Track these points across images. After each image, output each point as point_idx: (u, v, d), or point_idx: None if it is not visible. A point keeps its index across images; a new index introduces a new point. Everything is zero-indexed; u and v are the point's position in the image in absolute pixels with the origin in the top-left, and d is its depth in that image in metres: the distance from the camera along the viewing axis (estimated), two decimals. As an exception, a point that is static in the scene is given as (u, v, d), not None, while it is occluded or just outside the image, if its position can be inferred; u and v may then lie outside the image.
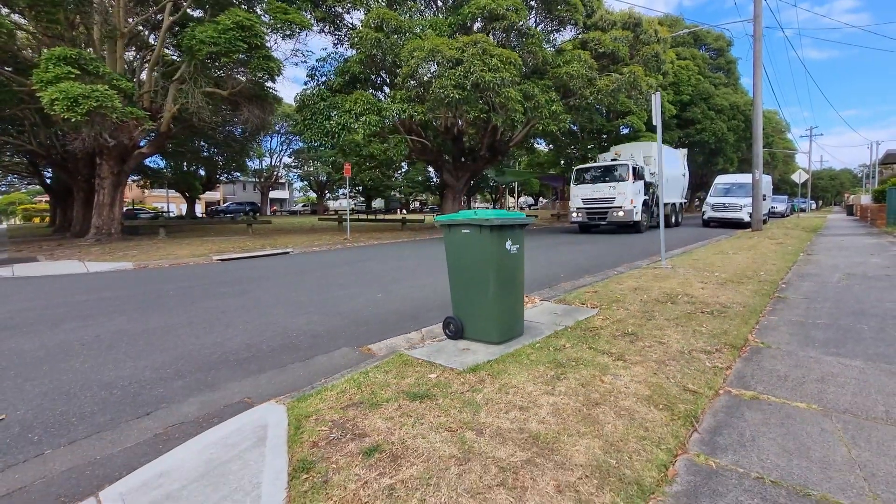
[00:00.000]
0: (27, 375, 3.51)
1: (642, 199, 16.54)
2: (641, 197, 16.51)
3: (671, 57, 25.35)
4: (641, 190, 16.60)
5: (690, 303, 4.93)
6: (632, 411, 2.46)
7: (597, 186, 16.74)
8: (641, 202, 16.36)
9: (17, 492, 2.15)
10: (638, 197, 16.28)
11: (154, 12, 16.26)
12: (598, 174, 17.08)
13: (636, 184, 16.28)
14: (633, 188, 15.99)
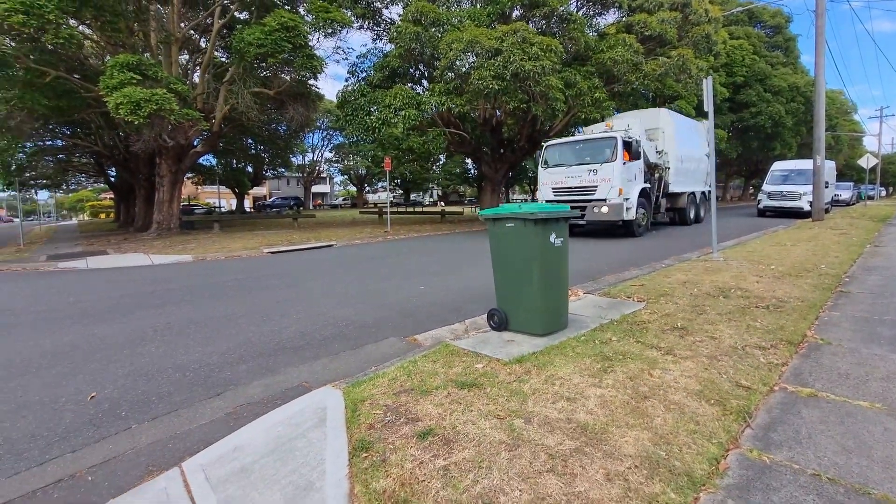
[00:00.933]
0: (111, 358, 3.89)
1: (639, 187, 11.81)
2: (638, 185, 11.80)
3: (723, 37, 23.97)
4: (639, 174, 11.99)
5: (744, 297, 4.75)
6: (682, 405, 2.45)
7: (572, 170, 11.76)
8: (638, 192, 11.67)
9: (112, 460, 2.43)
10: (632, 185, 11.53)
11: (204, 17, 17.08)
12: (576, 152, 12.13)
13: (630, 165, 11.47)
14: (623, 172, 11.13)
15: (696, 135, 16.00)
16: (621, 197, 11.06)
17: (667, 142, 13.93)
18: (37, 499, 2.13)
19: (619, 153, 11.11)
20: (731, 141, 30.31)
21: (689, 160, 15.24)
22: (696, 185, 16.37)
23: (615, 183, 11.05)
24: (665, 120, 14.19)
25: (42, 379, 3.48)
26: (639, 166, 11.92)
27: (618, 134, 11.34)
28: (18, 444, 2.58)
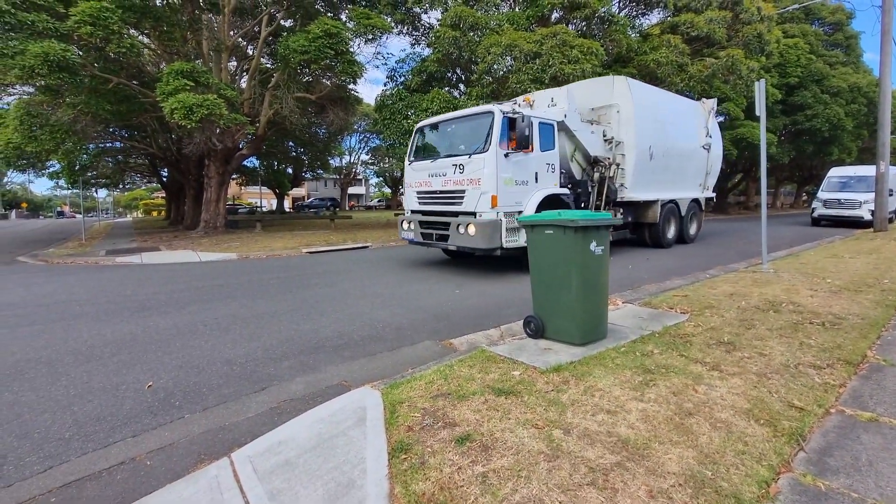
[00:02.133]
0: (165, 350, 4.14)
1: (542, 194, 7.43)
2: (538, 190, 7.47)
3: (777, 35, 22.78)
4: (546, 173, 7.67)
5: (797, 312, 4.51)
6: (729, 424, 2.36)
7: (438, 165, 7.62)
8: (538, 202, 7.32)
9: (168, 447, 2.59)
10: (523, 190, 7.25)
11: (252, 25, 17.83)
12: (447, 137, 8.02)
13: (519, 159, 7.15)
14: (501, 169, 6.89)
15: (686, 118, 11.31)
16: (497, 210, 6.74)
17: (623, 126, 9.24)
18: (102, 479, 2.30)
19: (493, 139, 6.74)
20: (783, 145, 28.75)
21: (668, 154, 10.34)
22: (684, 189, 11.48)
23: (486, 187, 6.72)
24: (621, 93, 9.31)
25: (105, 366, 3.74)
26: (545, 161, 7.57)
27: (496, 108, 7.01)
28: (86, 427, 2.79)
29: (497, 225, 6.86)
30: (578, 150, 8.78)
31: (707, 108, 12.18)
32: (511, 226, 7.03)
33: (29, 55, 10.82)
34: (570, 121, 8.30)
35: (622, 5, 18.69)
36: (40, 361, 3.90)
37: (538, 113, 7.84)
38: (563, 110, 8.21)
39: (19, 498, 2.16)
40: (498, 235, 6.87)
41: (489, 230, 6.79)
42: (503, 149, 6.89)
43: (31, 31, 11.44)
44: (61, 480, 2.30)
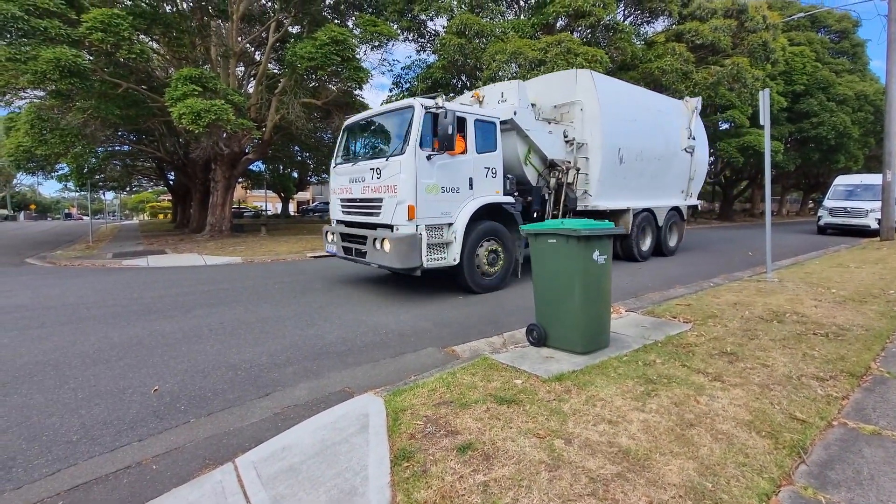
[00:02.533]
0: (171, 354, 4.18)
1: (476, 203, 6.40)
2: (471, 199, 6.41)
3: (782, 43, 22.81)
4: (484, 179, 6.61)
5: (800, 322, 4.50)
6: (730, 436, 2.37)
7: (358, 169, 6.64)
8: (471, 213, 6.29)
9: (174, 451, 2.62)
10: (449, 199, 6.21)
11: (260, 31, 18.04)
12: (371, 136, 7.16)
13: (444, 163, 6.12)
14: (421, 174, 5.88)
15: (666, 118, 10.19)
16: (415, 223, 5.75)
17: (587, 125, 8.25)
18: (109, 482, 2.33)
19: (412, 139, 5.75)
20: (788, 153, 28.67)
21: (642, 157, 9.29)
22: (663, 196, 10.43)
23: (402, 195, 5.73)
24: (585, 89, 8.24)
25: (112, 370, 3.79)
26: (484, 164, 6.53)
27: (417, 102, 5.93)
28: (93, 430, 2.83)
29: (414, 241, 5.76)
30: (534, 152, 7.71)
31: (690, 108, 11.11)
32: (436, 241, 6.02)
33: (41, 61, 11.00)
34: (522, 119, 7.26)
35: (627, 13, 18.78)
36: (48, 364, 3.95)
37: (474, 108, 6.76)
38: (513, 107, 7.20)
39: (29, 500, 2.20)
40: (416, 253, 5.77)
41: (404, 247, 5.68)
42: (425, 150, 5.85)
43: (44, 38, 11.63)
44: (69, 483, 2.33)
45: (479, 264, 6.57)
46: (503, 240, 6.85)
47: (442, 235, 6.14)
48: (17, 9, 11.14)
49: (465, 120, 6.39)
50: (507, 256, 6.93)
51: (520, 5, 19.43)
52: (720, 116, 24.69)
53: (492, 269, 6.74)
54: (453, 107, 6.31)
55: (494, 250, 6.75)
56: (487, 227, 6.59)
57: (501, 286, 6.89)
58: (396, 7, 17.71)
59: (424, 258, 5.87)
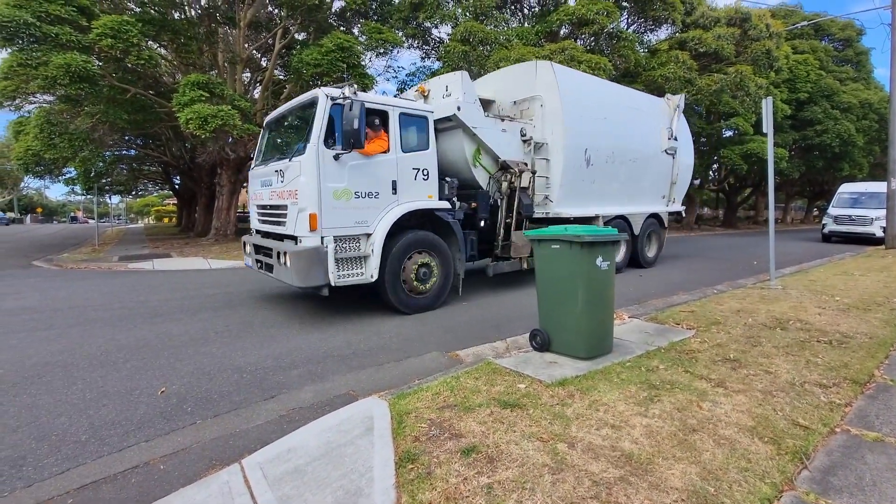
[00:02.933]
0: (177, 356, 4.22)
1: (402, 211, 5.60)
2: (396, 207, 5.60)
3: (786, 51, 22.88)
4: (412, 182, 5.80)
5: (804, 329, 4.51)
6: (733, 441, 2.39)
7: (267, 172, 5.85)
8: (391, 223, 5.47)
9: (181, 451, 2.65)
10: (369, 207, 5.39)
11: (266, 38, 18.26)
12: (284, 133, 6.49)
13: (364, 163, 5.34)
14: (326, 176, 5.02)
15: (643, 117, 9.35)
16: (319, 234, 4.98)
17: (547, 123, 7.42)
18: (118, 482, 2.37)
19: (314, 135, 4.99)
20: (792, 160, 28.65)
21: (614, 160, 8.43)
22: (640, 202, 9.46)
23: (303, 202, 4.98)
24: (545, 83, 7.45)
25: (119, 371, 3.83)
26: (412, 165, 5.78)
27: (322, 92, 5.20)
28: (101, 431, 2.87)
29: (317, 255, 4.92)
30: (484, 152, 6.79)
31: (672, 106, 10.15)
32: (349, 254, 5.21)
33: (52, 66, 11.17)
34: (467, 114, 6.34)
35: (630, 21, 18.90)
36: (56, 365, 4.00)
37: (397, 101, 6.04)
38: (456, 101, 6.27)
39: (39, 498, 2.23)
40: (319, 269, 4.93)
41: (303, 262, 4.88)
42: (333, 149, 5.05)
43: (55, 44, 11.81)
44: (78, 482, 2.37)
45: (407, 280, 5.65)
46: (438, 252, 5.95)
47: (358, 248, 5.32)
48: (30, 15, 11.34)
49: (385, 114, 5.60)
50: (443, 271, 5.98)
51: (524, 13, 19.59)
52: (724, 124, 24.72)
53: (423, 285, 5.79)
54: (367, 97, 5.53)
55: (426, 264, 5.80)
56: (417, 237, 5.75)
57: (436, 305, 5.98)
58: (402, 15, 17.88)
59: (333, 274, 5.01)
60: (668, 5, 16.74)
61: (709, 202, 45.64)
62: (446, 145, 6.61)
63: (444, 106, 6.37)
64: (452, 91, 6.52)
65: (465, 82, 6.44)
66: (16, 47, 11.94)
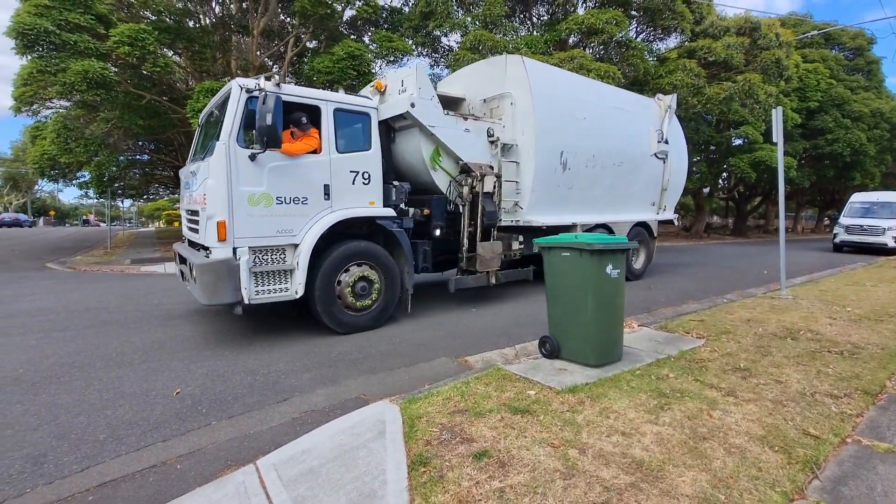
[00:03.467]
0: (192, 358, 4.29)
1: (334, 219, 5.00)
2: (329, 215, 5.01)
3: (796, 60, 22.81)
4: (350, 187, 5.22)
5: (815, 340, 4.49)
6: (743, 449, 2.39)
7: (186, 173, 5.73)
8: (320, 234, 4.86)
9: (196, 452, 2.71)
10: (294, 214, 4.80)
11: (279, 46, 18.55)
12: (210, 132, 5.31)
13: (288, 164, 4.77)
14: (238, 180, 4.44)
15: (629, 118, 8.70)
16: (230, 245, 4.43)
17: (518, 123, 6.84)
18: (135, 481, 2.42)
19: (224, 132, 4.48)
20: (803, 169, 28.45)
21: (595, 163, 7.84)
22: (625, 209, 8.83)
23: (211, 208, 4.43)
24: (515, 79, 6.85)
25: (135, 372, 3.91)
26: (350, 167, 5.21)
27: (235, 83, 4.71)
28: (119, 430, 2.93)
29: (226, 269, 4.33)
30: (445, 154, 6.17)
31: (663, 107, 9.46)
32: (270, 267, 4.62)
33: (70, 73, 11.44)
34: (422, 112, 5.74)
35: (639, 30, 18.97)
36: (74, 366, 4.09)
37: (330, 94, 5.33)
38: (411, 97, 5.65)
39: (60, 495, 2.29)
40: (228, 285, 4.34)
41: (209, 276, 4.31)
42: (249, 148, 4.50)
43: (73, 51, 12.10)
44: (97, 480, 2.43)
45: (342, 296, 5.05)
46: (381, 264, 5.35)
47: (283, 260, 4.75)
48: (50, 23, 11.63)
49: (316, 109, 5.01)
50: (388, 286, 5.40)
51: (533, 22, 19.75)
52: (733, 132, 24.64)
53: (361, 302, 5.17)
54: (292, 90, 4.97)
55: (365, 278, 5.21)
56: (355, 247, 5.16)
57: (379, 324, 5.36)
58: (412, 23, 18.10)
59: (247, 291, 4.42)
60: (678, 15, 16.78)
61: (718, 211, 45.33)
62: (404, 146, 6.16)
63: (397, 102, 5.77)
64: (408, 86, 5.89)
65: (420, 76, 5.82)
66: (35, 54, 12.25)
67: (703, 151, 27.45)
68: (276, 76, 4.59)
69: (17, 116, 14.94)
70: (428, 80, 6.00)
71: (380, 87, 6.22)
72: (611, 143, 8.10)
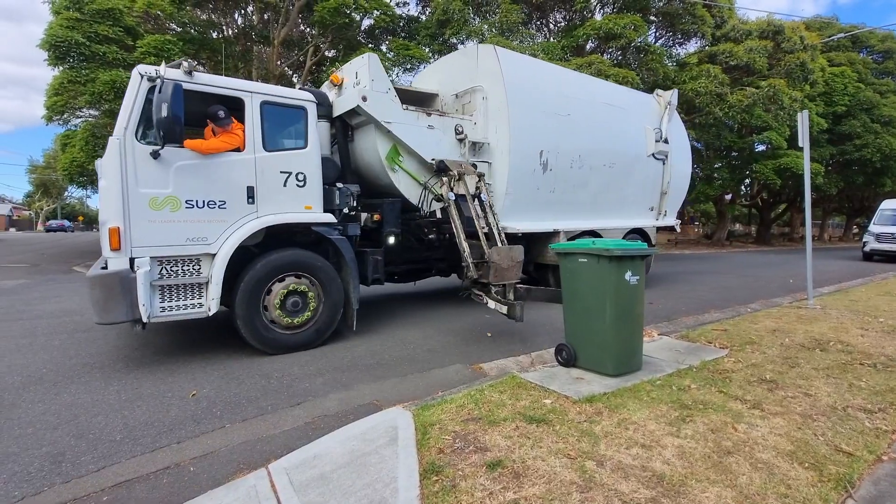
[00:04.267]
0: (208, 360, 4.34)
1: (259, 225, 4.42)
2: (252, 220, 4.42)
3: (822, 64, 22.23)
4: (280, 189, 4.61)
5: (846, 351, 4.29)
6: (770, 465, 2.28)
7: None
8: (245, 238, 4.32)
9: (210, 454, 2.71)
10: (208, 218, 4.22)
11: (298, 56, 18.93)
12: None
13: (204, 162, 4.21)
14: (135, 180, 3.89)
15: (623, 115, 8.04)
16: (126, 254, 3.87)
17: (491, 120, 6.33)
18: (149, 482, 2.43)
19: (120, 123, 3.94)
20: (830, 175, 27.60)
21: (583, 164, 7.21)
22: (618, 215, 8.15)
23: (105, 212, 3.97)
24: (488, 72, 6.32)
25: (153, 374, 3.96)
26: (280, 167, 4.64)
27: (136, 71, 4.03)
28: (135, 431, 2.96)
29: (118, 283, 3.81)
30: (406, 153, 5.70)
31: (662, 104, 8.75)
32: (179, 280, 4.11)
33: (99, 82, 11.85)
34: (376, 106, 5.26)
35: (658, 35, 18.76)
36: (94, 366, 4.16)
37: (257, 86, 4.77)
38: (362, 90, 5.18)
39: (76, 493, 2.31)
40: (121, 301, 3.82)
41: (98, 291, 3.87)
42: (148, 142, 3.97)
43: (102, 62, 12.54)
44: (112, 480, 2.44)
45: (270, 311, 4.51)
46: (319, 277, 4.76)
47: (196, 271, 4.22)
48: (81, 36, 12.09)
49: (239, 101, 4.44)
50: (325, 301, 4.80)
51: (549, 28, 19.72)
52: (756, 138, 24.08)
53: (293, 319, 4.59)
54: (209, 79, 4.36)
55: (298, 292, 4.63)
56: (285, 258, 4.59)
57: (316, 343, 4.77)
58: (428, 31, 18.25)
59: (145, 307, 3.86)
60: (698, 19, 16.57)
61: (741, 218, 44.27)
62: (361, 145, 5.73)
63: (350, 97, 5.29)
64: (361, 79, 5.42)
65: (373, 68, 5.33)
66: (66, 65, 12.73)
67: (725, 157, 26.90)
68: (188, 62, 4.15)
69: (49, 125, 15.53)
70: (382, 72, 5.51)
71: (336, 80, 5.77)
72: (600, 143, 7.48)
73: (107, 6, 12.51)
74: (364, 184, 5.68)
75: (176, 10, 13.34)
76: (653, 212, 8.85)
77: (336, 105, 5.48)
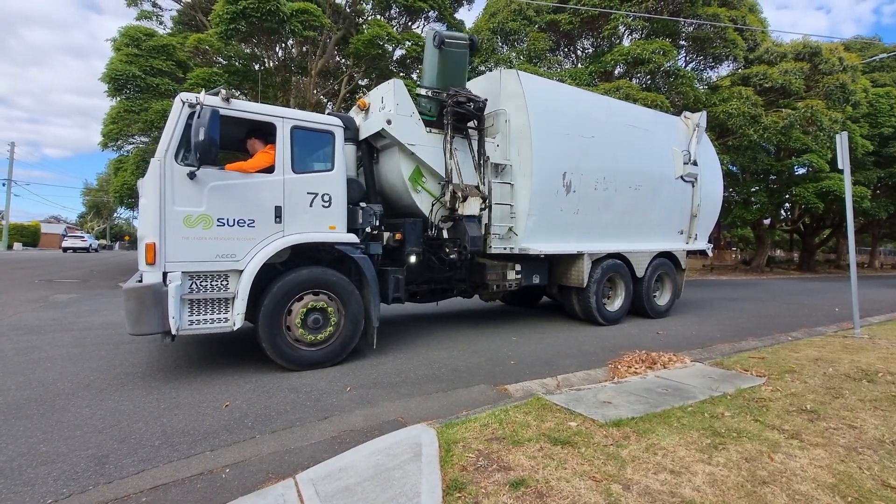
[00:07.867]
0: (241, 373, 4.49)
1: (286, 244, 4.63)
2: (279, 239, 4.63)
3: (864, 84, 21.49)
4: (307, 209, 4.83)
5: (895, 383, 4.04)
6: (809, 497, 2.17)
7: None
8: (271, 255, 4.52)
9: (241, 462, 2.80)
10: (238, 236, 4.44)
11: (333, 84, 19.83)
12: None
13: (234, 183, 4.46)
14: (172, 199, 4.17)
15: (651, 136, 8.08)
16: (160, 269, 4.12)
17: (513, 142, 6.51)
18: (185, 486, 2.53)
19: (162, 146, 4.24)
20: (878, 199, 26.26)
21: (608, 185, 7.27)
22: (645, 237, 8.08)
23: (143, 228, 4.23)
24: (510, 95, 6.53)
25: (190, 385, 4.13)
26: (307, 188, 4.84)
27: (179, 98, 4.38)
28: (172, 438, 3.09)
29: (151, 295, 4.00)
30: (428, 174, 5.85)
31: (691, 125, 8.71)
32: (207, 295, 4.29)
33: (151, 111, 12.76)
34: (400, 129, 5.48)
35: (688, 59, 18.67)
36: (137, 376, 4.39)
37: (287, 111, 4.92)
38: (387, 114, 5.41)
39: (118, 493, 2.44)
40: (153, 313, 4.00)
41: (133, 303, 4.03)
42: (186, 164, 4.21)
43: (155, 92, 13.52)
44: (151, 483, 2.56)
45: (291, 328, 4.62)
46: (340, 294, 4.86)
47: (224, 287, 4.40)
48: (137, 69, 13.12)
49: (270, 126, 4.70)
50: (347, 318, 4.88)
51: (577, 55, 19.96)
52: (795, 161, 23.30)
53: (314, 335, 4.69)
54: (242, 105, 4.61)
55: (319, 309, 4.73)
56: (308, 275, 4.71)
57: (338, 360, 4.86)
58: (458, 59, 18.83)
59: (175, 320, 4.04)
60: (729, 43, 16.41)
61: (782, 244, 42.40)
62: (386, 166, 5.92)
63: (375, 120, 5.48)
64: (386, 103, 5.68)
65: (398, 92, 5.57)
66: (123, 96, 13.79)
67: (763, 181, 26.06)
68: (225, 90, 4.45)
69: (104, 151, 16.72)
70: (407, 97, 5.69)
71: (363, 105, 6.04)
72: (625, 164, 7.49)
73: (162, 42, 13.57)
74: (387, 204, 5.86)
75: (223, 45, 14.30)
76: (682, 235, 8.71)
77: (362, 128, 5.71)
